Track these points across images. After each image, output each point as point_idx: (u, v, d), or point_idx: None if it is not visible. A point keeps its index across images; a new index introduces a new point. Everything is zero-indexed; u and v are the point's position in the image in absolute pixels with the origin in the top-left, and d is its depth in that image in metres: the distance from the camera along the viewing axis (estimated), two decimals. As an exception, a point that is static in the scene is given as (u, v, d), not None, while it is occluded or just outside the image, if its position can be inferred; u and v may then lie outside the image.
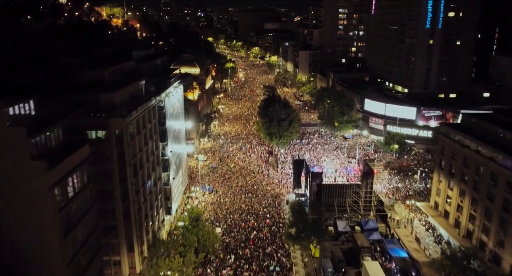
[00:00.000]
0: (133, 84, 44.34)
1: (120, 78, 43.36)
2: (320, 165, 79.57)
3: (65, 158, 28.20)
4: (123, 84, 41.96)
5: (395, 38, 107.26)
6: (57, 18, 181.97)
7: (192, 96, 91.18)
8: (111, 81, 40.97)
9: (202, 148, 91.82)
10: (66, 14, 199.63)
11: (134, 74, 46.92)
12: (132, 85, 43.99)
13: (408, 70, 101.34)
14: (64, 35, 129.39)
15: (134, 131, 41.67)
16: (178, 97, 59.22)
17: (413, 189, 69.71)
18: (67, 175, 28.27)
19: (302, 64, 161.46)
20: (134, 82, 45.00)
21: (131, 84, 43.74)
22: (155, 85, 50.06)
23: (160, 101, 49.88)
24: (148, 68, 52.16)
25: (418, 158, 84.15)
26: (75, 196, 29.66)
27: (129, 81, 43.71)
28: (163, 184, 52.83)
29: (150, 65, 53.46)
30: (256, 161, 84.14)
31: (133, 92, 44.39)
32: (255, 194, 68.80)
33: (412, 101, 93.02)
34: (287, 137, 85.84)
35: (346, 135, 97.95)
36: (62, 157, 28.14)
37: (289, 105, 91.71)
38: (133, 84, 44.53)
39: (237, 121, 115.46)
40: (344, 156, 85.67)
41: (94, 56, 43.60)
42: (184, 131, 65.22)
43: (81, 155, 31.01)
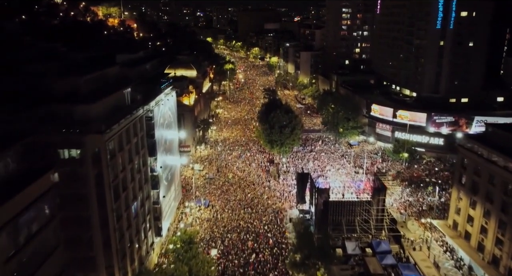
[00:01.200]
0: (116, 93, 38.81)
1: (100, 86, 37.84)
2: (324, 176, 74.34)
3: (15, 194, 22.50)
4: (103, 93, 36.44)
5: (402, 39, 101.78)
6: (52, 18, 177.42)
7: (188, 101, 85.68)
8: (89, 90, 35.47)
9: (199, 156, 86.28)
10: (62, 13, 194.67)
11: (118, 81, 41.40)
12: (114, 94, 38.46)
13: (417, 73, 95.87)
14: (57, 36, 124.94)
15: (115, 148, 36.16)
16: (170, 105, 53.71)
17: (427, 204, 64.31)
18: (19, 214, 22.71)
19: (304, 65, 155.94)
20: (117, 90, 39.49)
21: (113, 93, 38.20)
22: (143, 93, 44.54)
23: (148, 111, 44.37)
24: (135, 74, 46.67)
25: (429, 168, 78.62)
26: (33, 237, 24.12)
27: (111, 90, 38.19)
28: (152, 203, 47.34)
29: (137, 71, 47.99)
30: (256, 170, 78.61)
31: (116, 102, 38.85)
32: (255, 209, 63.26)
33: (422, 106, 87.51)
34: (289, 145, 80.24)
35: (352, 141, 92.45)
36: (11, 192, 22.50)
37: (291, 110, 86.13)
38: (116, 93, 39.00)
39: (236, 126, 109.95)
40: (350, 165, 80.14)
41: (70, 62, 38.04)
42: (177, 142, 59.66)
43: (43, 185, 25.47)
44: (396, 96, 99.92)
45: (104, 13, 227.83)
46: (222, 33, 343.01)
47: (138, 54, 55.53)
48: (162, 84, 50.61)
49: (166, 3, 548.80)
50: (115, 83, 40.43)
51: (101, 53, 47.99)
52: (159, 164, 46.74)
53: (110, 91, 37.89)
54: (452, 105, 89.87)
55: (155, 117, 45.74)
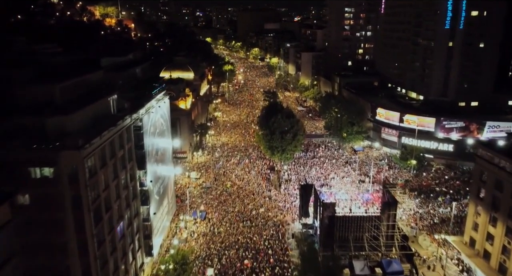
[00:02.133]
0: (98, 102, 34.63)
1: (81, 94, 33.64)
2: (328, 185, 70.24)
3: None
4: (83, 102, 32.24)
5: (408, 40, 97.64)
6: (48, 17, 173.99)
7: (184, 105, 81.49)
8: (66, 99, 31.28)
9: (196, 163, 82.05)
10: (58, 13, 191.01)
11: (102, 88, 37.20)
12: (97, 103, 34.29)
13: (424, 75, 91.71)
14: (53, 36, 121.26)
15: (96, 164, 31.96)
16: (163, 112, 49.48)
17: (439, 216, 60.14)
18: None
19: (305, 66, 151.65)
20: (101, 98, 35.27)
21: (95, 102, 34.01)
22: (131, 100, 40.35)
23: (137, 120, 40.15)
24: (123, 79, 42.45)
25: (439, 176, 74.42)
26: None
27: (93, 98, 33.99)
28: (142, 220, 43.13)
29: (125, 75, 43.77)
30: (256, 179, 74.40)
31: (99, 112, 34.68)
32: (255, 222, 59.04)
33: (430, 110, 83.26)
34: (290, 151, 76.06)
35: (356, 147, 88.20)
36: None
37: (292, 114, 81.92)
38: (99, 101, 34.83)
39: (235, 129, 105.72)
40: (355, 172, 75.93)
41: (47, 67, 33.81)
42: (170, 151, 55.43)
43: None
44: (402, 99, 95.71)
45: (101, 13, 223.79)
46: (222, 33, 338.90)
47: (127, 56, 51.16)
48: (153, 89, 46.37)
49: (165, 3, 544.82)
50: (98, 90, 36.20)
51: (92, 55, 43.87)
52: (149, 178, 42.50)
53: (91, 99, 33.70)
54: (462, 109, 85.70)
55: (145, 126, 41.54)
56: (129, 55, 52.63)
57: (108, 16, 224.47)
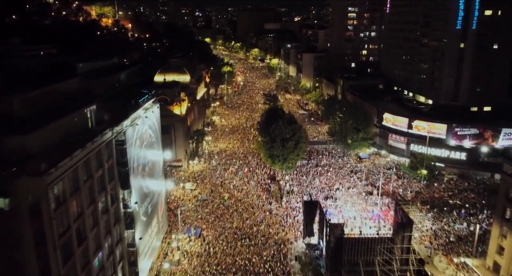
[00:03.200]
0: (71, 115, 29.69)
1: (50, 106, 28.71)
2: (333, 197, 65.33)
3: None
4: (51, 117, 27.30)
5: (416, 41, 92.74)
6: (44, 17, 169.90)
7: (179, 110, 76.55)
8: (29, 114, 26.32)
9: (191, 172, 77.08)
10: (53, 13, 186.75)
11: (77, 98, 32.26)
12: (69, 116, 29.35)
13: (433, 78, 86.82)
14: (48, 36, 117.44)
15: (66, 190, 27.04)
16: (152, 122, 44.52)
17: (454, 233, 55.19)
18: None
19: (306, 68, 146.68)
20: (75, 110, 30.34)
21: (67, 116, 29.09)
22: (114, 111, 35.41)
23: (119, 133, 35.20)
24: (104, 87, 37.50)
25: (451, 187, 69.48)
26: None
27: (64, 111, 29.06)
28: (126, 245, 38.17)
29: (107, 82, 38.82)
30: (255, 190, 69.43)
31: (73, 126, 29.74)
32: (254, 240, 54.09)
33: (440, 115, 78.28)
34: (292, 160, 71.20)
35: (361, 154, 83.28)
36: None
37: (294, 120, 76.97)
38: (72, 114, 29.89)
39: (234, 135, 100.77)
40: (361, 183, 70.98)
41: (9, 74, 28.87)
42: (161, 164, 50.44)
43: None
44: (410, 103, 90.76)
45: (97, 12, 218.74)
46: (221, 34, 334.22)
47: (111, 60, 46.11)
48: (141, 97, 41.42)
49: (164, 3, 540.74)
50: (73, 101, 31.26)
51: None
52: (134, 199, 37.53)
53: (63, 112, 28.76)
54: (474, 114, 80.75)
55: (129, 139, 36.58)
56: (113, 58, 47.42)
57: (104, 16, 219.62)
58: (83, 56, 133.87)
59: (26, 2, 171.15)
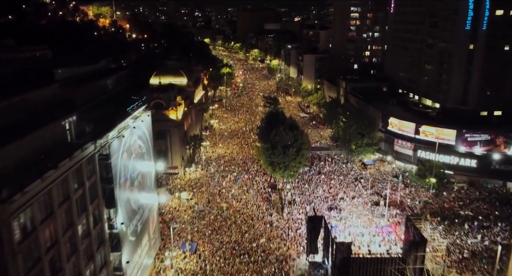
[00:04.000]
0: (45, 128, 26.07)
1: (19, 119, 25.10)
2: (338, 208, 61.73)
3: None
4: (17, 132, 23.67)
5: (422, 42, 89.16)
6: (40, 18, 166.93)
7: (175, 115, 72.96)
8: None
9: (188, 179, 73.47)
10: (50, 13, 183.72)
11: (54, 108, 28.66)
12: (42, 129, 25.72)
13: (440, 81, 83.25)
14: (44, 37, 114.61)
15: (35, 218, 23.42)
16: (142, 131, 40.92)
17: (468, 248, 51.56)
18: None
19: (307, 69, 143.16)
20: (49, 123, 26.74)
21: (39, 129, 25.47)
22: (97, 122, 31.82)
23: (103, 147, 31.59)
24: (86, 95, 33.90)
25: (462, 196, 65.88)
26: None
27: (35, 124, 25.44)
28: (112, 270, 34.54)
29: (91, 89, 35.19)
30: (255, 199, 65.82)
31: (47, 141, 26.15)
32: (254, 256, 50.49)
33: (449, 120, 74.67)
34: (294, 167, 67.57)
35: (366, 161, 79.68)
36: None
37: (296, 125, 73.37)
38: (46, 127, 26.28)
39: (233, 139, 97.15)
40: (366, 192, 67.39)
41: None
42: (153, 176, 46.82)
43: None
44: (416, 107, 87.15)
45: (95, 13, 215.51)
46: (221, 34, 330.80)
47: (97, 65, 42.38)
48: (130, 105, 37.81)
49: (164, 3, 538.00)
50: (49, 112, 27.67)
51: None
52: (120, 219, 33.90)
53: (33, 126, 25.14)
54: (484, 119, 77.13)
55: (114, 153, 32.96)
56: (100, 62, 43.68)
57: (102, 16, 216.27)
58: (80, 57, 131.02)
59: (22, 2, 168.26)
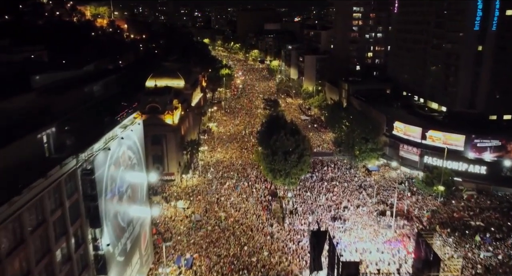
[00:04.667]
0: (16, 143, 23.02)
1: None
2: (342, 217, 58.68)
3: None
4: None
5: (427, 42, 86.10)
6: (37, 18, 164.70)
7: (172, 119, 69.90)
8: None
9: (185, 187, 70.41)
10: (47, 13, 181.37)
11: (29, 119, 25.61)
12: (12, 145, 22.68)
13: (447, 83, 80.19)
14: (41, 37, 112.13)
15: (2, 248, 20.34)
16: (133, 141, 37.89)
17: (480, 262, 48.54)
18: None
19: (308, 70, 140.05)
20: (23, 136, 23.70)
21: (9, 144, 22.42)
22: (80, 133, 28.76)
23: (86, 161, 28.55)
24: (68, 103, 30.84)
25: (472, 205, 62.80)
26: None
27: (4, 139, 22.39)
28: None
29: (74, 97, 32.13)
30: (255, 208, 62.75)
31: (20, 157, 23.10)
32: (253, 272, 47.43)
33: (457, 124, 71.62)
34: (296, 174, 64.66)
35: (370, 166, 76.62)
36: None
37: (297, 130, 70.38)
38: (19, 142, 23.23)
39: (232, 143, 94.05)
40: (371, 200, 64.32)
41: None
42: (145, 188, 43.79)
43: None
44: (421, 110, 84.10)
45: (92, 13, 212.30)
46: (221, 34, 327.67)
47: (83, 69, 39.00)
48: (118, 113, 34.74)
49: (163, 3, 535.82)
50: (23, 124, 24.63)
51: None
52: (106, 239, 30.83)
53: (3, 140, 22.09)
54: (494, 123, 74.11)
55: (99, 167, 29.92)
56: (88, 65, 40.14)
57: (100, 17, 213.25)
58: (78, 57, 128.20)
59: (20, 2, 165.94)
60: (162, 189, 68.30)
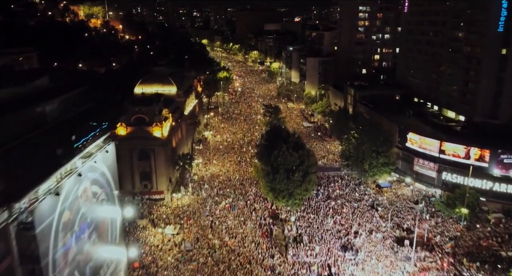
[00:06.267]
0: None
1: None
2: (352, 246, 51.22)
3: None
4: None
5: (443, 45, 78.63)
6: (29, 18, 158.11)
7: (160, 132, 62.38)
8: None
9: (175, 207, 62.94)
10: (39, 14, 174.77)
11: None
12: None
13: (466, 90, 72.76)
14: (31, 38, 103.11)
15: None
16: (100, 172, 30.35)
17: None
18: None
19: (311, 73, 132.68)
20: None
21: None
22: (17, 174, 21.25)
23: (24, 212, 21.07)
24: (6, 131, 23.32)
25: (499, 231, 55.32)
26: None
27: None
28: None
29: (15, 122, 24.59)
30: (254, 234, 55.23)
31: None
32: (252, 319, 40.11)
33: (478, 136, 64.15)
34: (300, 195, 57.20)
35: (381, 182, 69.25)
36: None
37: (302, 144, 62.84)
38: None
39: (229, 154, 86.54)
40: (386, 224, 56.82)
41: None
42: (119, 224, 36.23)
43: None
44: (436, 119, 76.53)
45: (86, 13, 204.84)
46: (219, 35, 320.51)
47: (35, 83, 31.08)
48: (80, 138, 27.24)
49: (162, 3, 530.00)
50: None
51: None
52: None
53: None
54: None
55: (44, 217, 22.42)
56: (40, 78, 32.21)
57: (94, 17, 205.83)
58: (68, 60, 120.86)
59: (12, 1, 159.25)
60: (149, 210, 60.84)
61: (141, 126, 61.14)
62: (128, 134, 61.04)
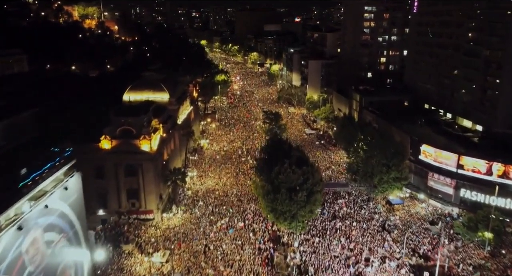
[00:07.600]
0: None
1: None
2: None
3: None
4: None
5: (458, 48, 72.64)
6: (21, 19, 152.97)
7: (149, 145, 56.23)
8: None
9: (166, 228, 56.86)
10: (32, 14, 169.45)
11: None
12: None
13: (484, 98, 66.71)
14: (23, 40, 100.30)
15: None
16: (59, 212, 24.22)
17: None
18: None
19: (313, 76, 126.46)
20: None
21: None
22: None
23: None
24: None
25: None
26: None
27: None
28: None
29: None
30: (252, 262, 49.13)
31: None
32: None
33: (498, 149, 58.12)
34: (303, 217, 51.23)
35: (392, 199, 63.16)
36: None
37: (306, 159, 56.79)
38: None
39: (227, 165, 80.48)
40: (400, 250, 50.75)
41: None
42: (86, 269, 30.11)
43: None
44: (451, 129, 70.46)
45: (80, 13, 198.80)
46: (218, 35, 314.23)
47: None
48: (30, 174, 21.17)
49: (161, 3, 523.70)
50: None
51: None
52: None
53: None
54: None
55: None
56: None
57: (89, 17, 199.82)
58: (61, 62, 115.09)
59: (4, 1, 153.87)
60: (135, 233, 54.74)
61: (127, 139, 55.14)
62: (113, 147, 55.05)
